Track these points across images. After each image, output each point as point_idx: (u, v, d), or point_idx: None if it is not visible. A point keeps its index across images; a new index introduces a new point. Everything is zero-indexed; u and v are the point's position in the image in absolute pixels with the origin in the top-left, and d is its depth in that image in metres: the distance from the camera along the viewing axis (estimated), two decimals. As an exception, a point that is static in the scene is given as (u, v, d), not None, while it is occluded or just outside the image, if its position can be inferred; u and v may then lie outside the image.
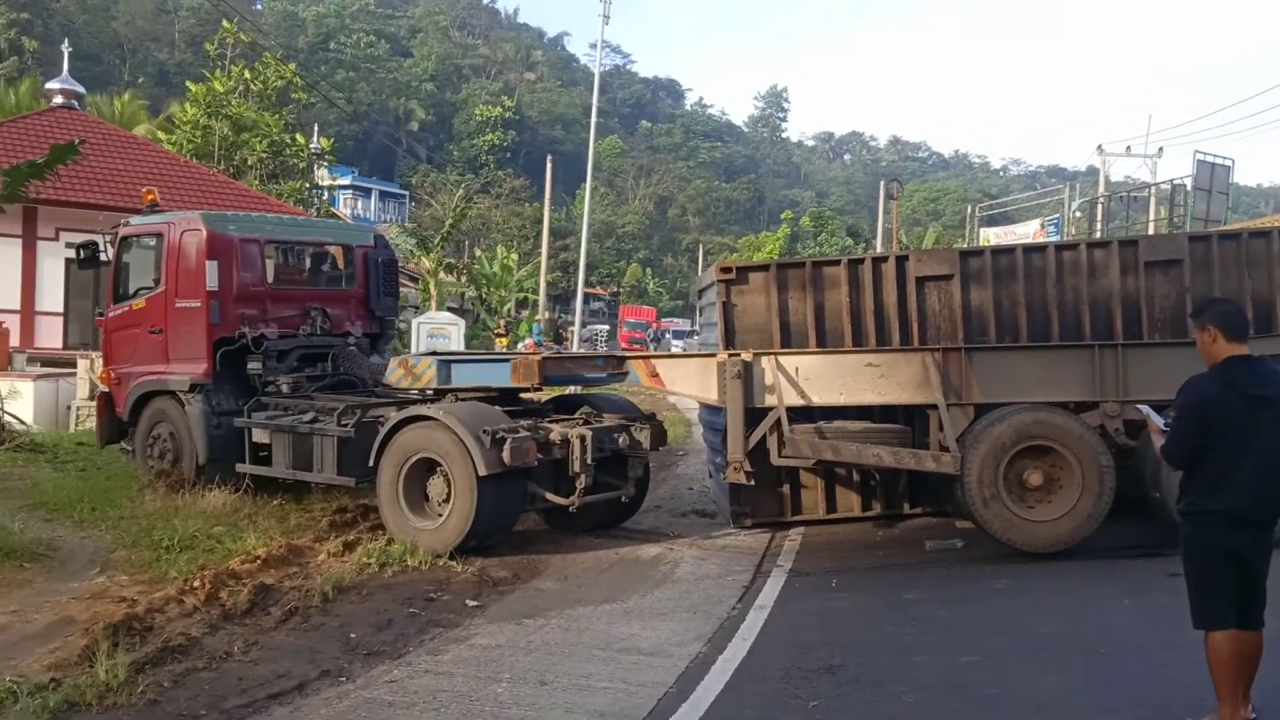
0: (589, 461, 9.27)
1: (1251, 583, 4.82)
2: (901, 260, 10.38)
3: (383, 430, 9.50)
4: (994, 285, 10.02)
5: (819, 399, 9.65)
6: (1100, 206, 33.15)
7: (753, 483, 9.73)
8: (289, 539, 9.32)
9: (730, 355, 9.64)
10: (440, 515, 9.23)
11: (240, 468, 10.83)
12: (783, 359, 9.70)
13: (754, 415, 9.59)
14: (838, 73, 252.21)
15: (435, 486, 9.31)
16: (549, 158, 37.27)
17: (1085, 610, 7.63)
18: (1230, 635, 4.74)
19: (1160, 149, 39.72)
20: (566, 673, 6.33)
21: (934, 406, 9.55)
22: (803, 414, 9.65)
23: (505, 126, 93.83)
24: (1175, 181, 29.23)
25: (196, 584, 7.52)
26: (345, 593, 7.95)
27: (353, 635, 6.98)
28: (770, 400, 9.60)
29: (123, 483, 11.51)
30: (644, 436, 10.07)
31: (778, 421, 9.48)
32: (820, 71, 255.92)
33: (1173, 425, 4.93)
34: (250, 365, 11.16)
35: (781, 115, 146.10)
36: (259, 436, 10.81)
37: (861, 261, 10.48)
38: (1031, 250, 10.60)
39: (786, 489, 10.71)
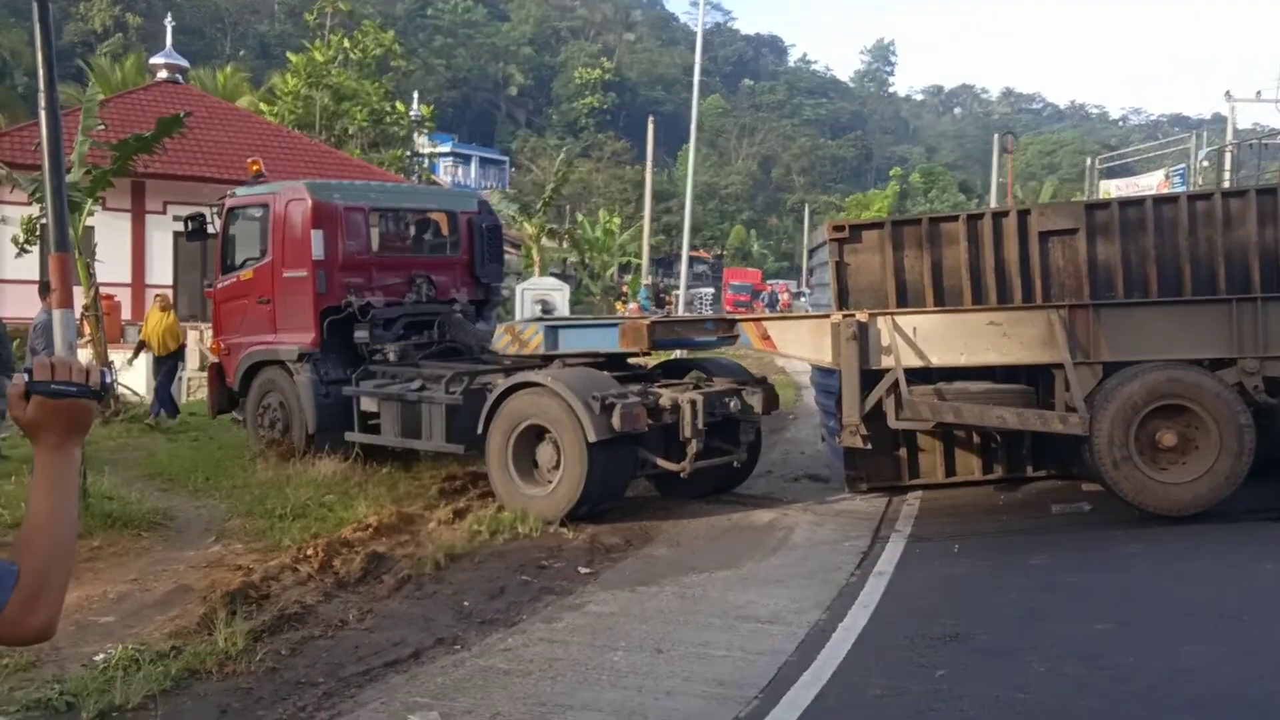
0: (700, 426, 9.06)
1: None
2: (1023, 215, 9.93)
3: (491, 397, 9.43)
4: (1122, 239, 9.50)
5: (938, 360, 9.28)
6: (1229, 155, 31.40)
7: (869, 446, 9.40)
8: (399, 507, 9.33)
9: (845, 316, 9.30)
10: (550, 482, 9.13)
11: (349, 436, 10.90)
12: (899, 319, 9.33)
13: (869, 378, 9.27)
14: (946, 24, 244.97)
15: (544, 453, 9.21)
16: (650, 119, 36.76)
17: (1224, 576, 7.21)
18: None
19: (1292, 93, 37.20)
20: (683, 640, 6.17)
21: (1059, 366, 9.12)
22: (920, 375, 9.28)
23: (605, 89, 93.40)
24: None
25: (310, 552, 7.54)
26: (457, 560, 7.90)
27: (466, 603, 6.92)
28: (887, 362, 9.25)
29: (235, 452, 11.71)
30: (755, 400, 9.80)
31: (895, 383, 9.14)
32: (928, 23, 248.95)
33: None
34: (357, 334, 11.20)
35: (889, 69, 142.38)
36: (367, 405, 10.87)
37: (981, 217, 10.07)
38: (1162, 201, 10.02)
39: (903, 452, 10.36)
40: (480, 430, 9.46)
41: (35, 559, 1.67)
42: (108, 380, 1.79)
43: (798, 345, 9.74)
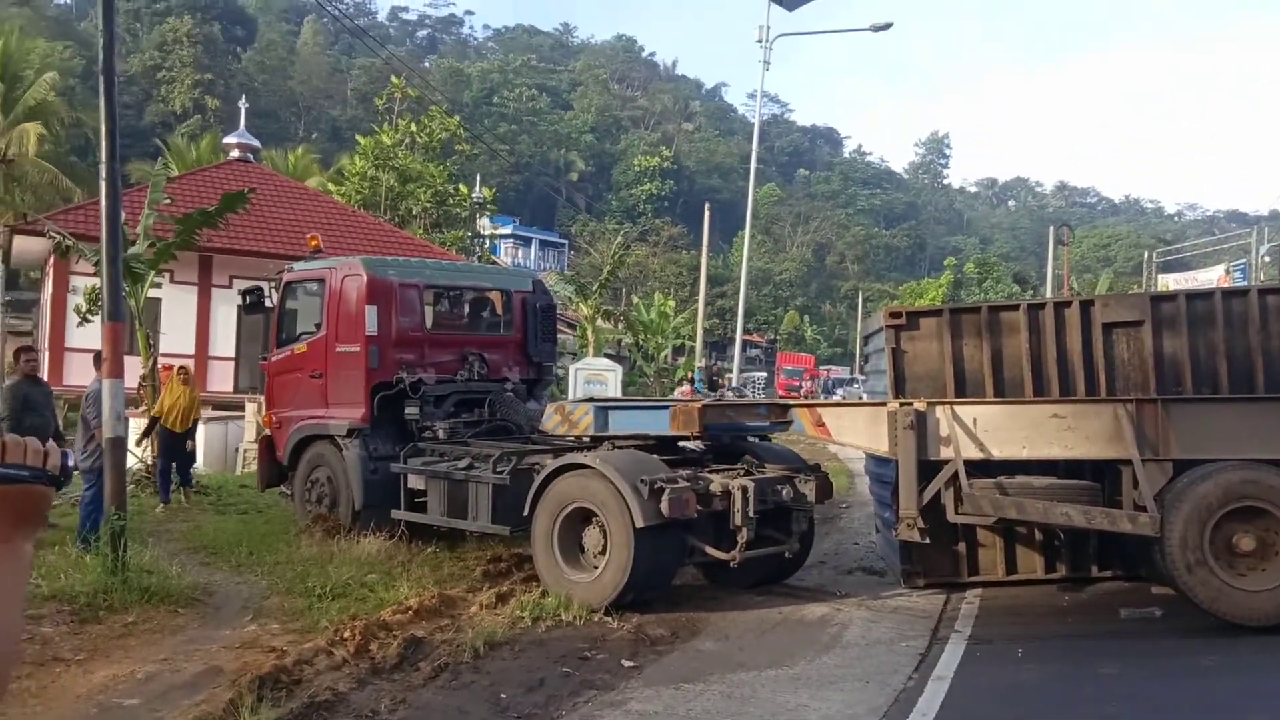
0: (751, 514, 8.78)
1: None
2: (1086, 305, 9.65)
3: (538, 478, 9.24)
4: (1189, 332, 9.19)
5: (999, 452, 8.96)
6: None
7: (927, 540, 9.06)
8: (442, 589, 9.12)
9: (902, 404, 9.03)
10: (596, 568, 8.88)
11: (395, 514, 10.75)
12: (959, 409, 9.05)
13: (927, 468, 8.97)
14: (1001, 117, 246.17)
15: (591, 537, 8.98)
16: (707, 205, 37.08)
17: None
18: None
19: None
20: (729, 747, 5.85)
21: (1127, 462, 8.75)
22: (979, 468, 8.95)
23: (663, 176, 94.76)
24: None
25: (347, 635, 7.33)
26: (497, 648, 7.64)
27: (503, 695, 6.65)
28: (945, 453, 8.95)
29: (281, 526, 11.62)
30: (809, 489, 9.52)
31: (954, 475, 8.83)
32: (982, 116, 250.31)
33: None
34: (408, 410, 11.11)
35: (943, 161, 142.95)
36: (415, 482, 10.73)
37: (1042, 306, 9.83)
38: (1231, 295, 9.69)
39: (962, 547, 9.99)
40: (526, 512, 9.26)
41: None
42: (69, 464, 1.57)
43: (852, 433, 9.47)
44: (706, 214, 35.61)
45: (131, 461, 14.20)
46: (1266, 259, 31.93)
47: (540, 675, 7.12)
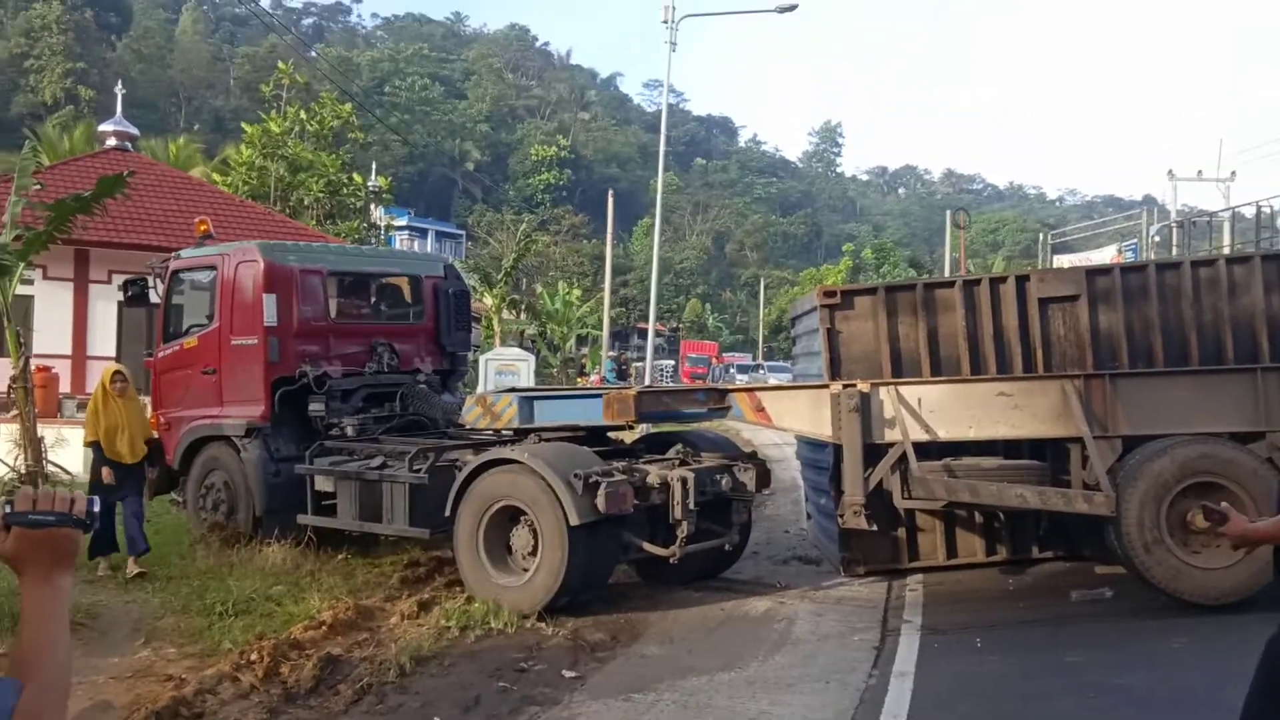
0: (692, 507, 8.25)
1: None
2: (1022, 281, 9.39)
3: (461, 476, 8.55)
4: (1125, 306, 8.97)
5: (945, 433, 8.62)
6: (1180, 231, 31.68)
7: (874, 527, 8.67)
8: (357, 599, 8.40)
9: (845, 386, 8.59)
10: (526, 570, 8.25)
11: (302, 519, 9.90)
12: (903, 390, 8.68)
13: (870, 453, 8.58)
14: (890, 107, 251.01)
15: (520, 538, 8.34)
16: (610, 193, 36.50)
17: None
18: None
19: (1233, 173, 37.91)
20: (692, 764, 5.30)
21: (1076, 440, 8.48)
22: (921, 450, 8.58)
23: (561, 165, 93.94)
24: (1262, 203, 27.61)
25: (254, 657, 6.56)
26: (424, 663, 6.97)
27: (436, 718, 5.99)
28: (891, 435, 8.57)
29: (173, 538, 10.60)
30: (748, 477, 9.03)
31: (900, 459, 8.44)
32: (873, 106, 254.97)
33: None
34: (312, 407, 10.29)
35: (835, 150, 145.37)
36: (322, 484, 9.89)
37: (978, 282, 9.54)
38: (1165, 268, 9.50)
39: (902, 532, 9.65)
40: (448, 512, 8.57)
41: (28, 693, 1.59)
42: (94, 509, 1.75)
43: (793, 418, 9.02)
44: (610, 202, 35.03)
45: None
46: (1156, 239, 32.64)
47: (475, 693, 6.48)
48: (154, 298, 11.51)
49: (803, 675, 6.88)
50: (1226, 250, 26.80)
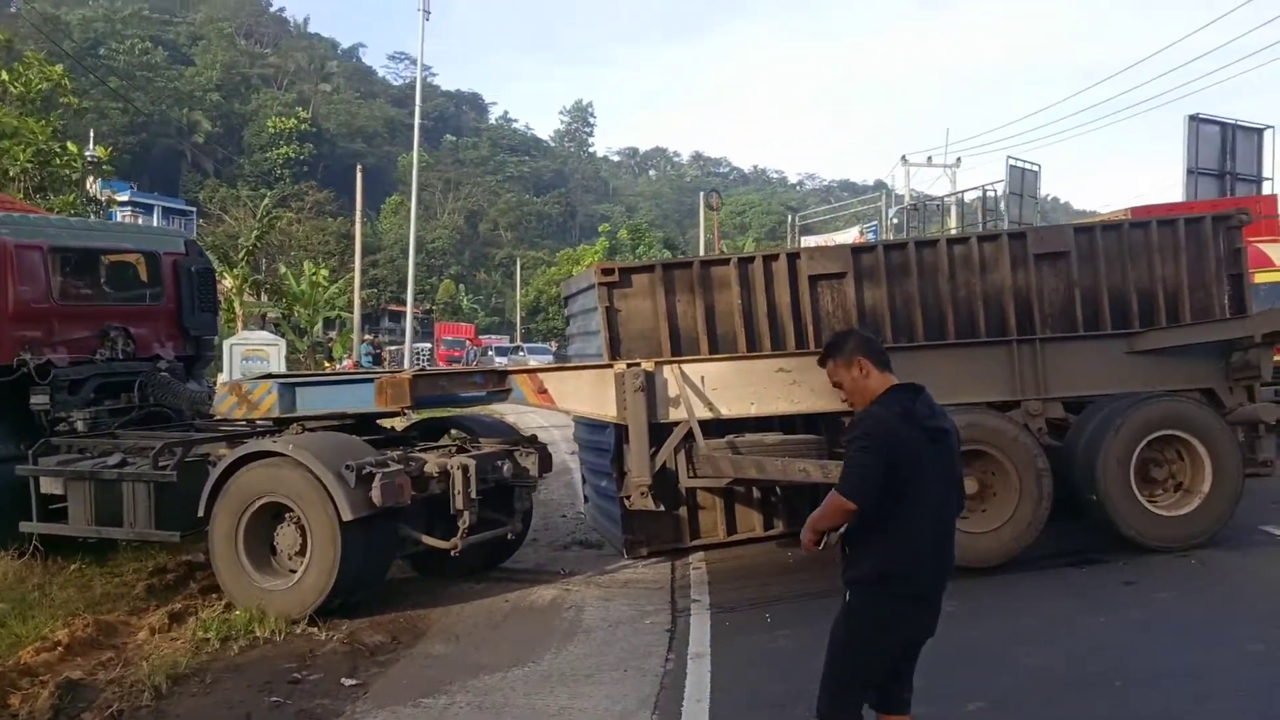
0: (474, 496, 7.83)
1: (908, 662, 4.10)
2: (793, 258, 9.57)
3: (215, 472, 7.77)
4: (888, 282, 9.32)
5: (728, 410, 8.60)
6: (916, 213, 33.81)
7: (662, 508, 8.55)
8: (96, 614, 7.50)
9: (630, 365, 8.41)
10: (294, 571, 7.60)
11: (25, 527, 8.71)
12: (687, 368, 8.59)
13: (652, 433, 8.45)
14: (641, 89, 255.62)
15: (286, 536, 7.67)
16: (359, 168, 35.02)
17: (1063, 634, 6.78)
18: None
19: (958, 159, 41.02)
20: (497, 770, 4.95)
21: (849, 414, 8.64)
22: (702, 428, 8.52)
23: (301, 139, 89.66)
24: (987, 188, 29.81)
25: (-23, 691, 5.68)
26: (183, 682, 6.25)
27: (202, 745, 5.36)
28: (676, 415, 8.46)
29: None
30: (530, 462, 8.71)
31: (685, 437, 8.35)
32: (624, 87, 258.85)
33: (853, 458, 3.85)
34: (34, 400, 9.14)
35: (588, 130, 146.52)
36: (49, 487, 8.73)
37: (752, 260, 9.61)
38: (923, 245, 9.91)
39: (684, 511, 9.61)
40: (201, 512, 7.78)
41: None
42: None
43: (576, 399, 8.74)
44: (359, 177, 33.68)
45: None
46: (894, 220, 34.74)
47: (245, 710, 5.87)
48: None
49: (599, 664, 6.65)
50: (953, 231, 28.81)
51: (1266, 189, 21.25)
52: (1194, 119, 21.18)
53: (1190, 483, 8.56)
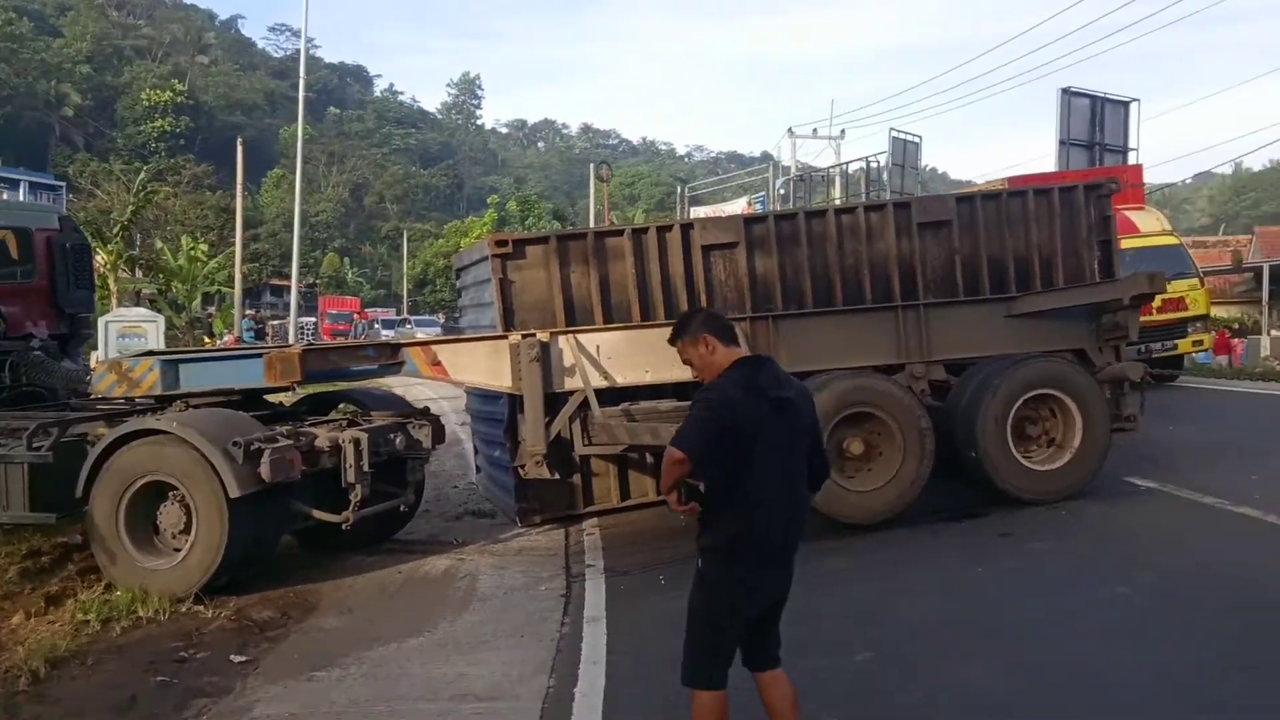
0: (366, 469, 7.75)
1: (771, 621, 4.23)
2: (686, 229, 9.63)
3: (94, 452, 7.53)
4: (778, 252, 9.44)
5: (623, 379, 8.67)
6: (802, 184, 34.34)
7: (557, 476, 8.58)
8: (-33, 601, 7.21)
9: (525, 336, 8.40)
10: (179, 550, 7.44)
11: (-109, 512, 8.36)
12: (582, 338, 8.62)
13: (548, 402, 8.48)
14: (529, 62, 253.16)
15: (170, 515, 7.49)
16: (239, 141, 34.00)
17: (948, 587, 7.04)
18: (722, 696, 4.05)
19: (843, 131, 41.73)
20: (395, 739, 4.95)
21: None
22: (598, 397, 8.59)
23: (177, 112, 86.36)
24: (870, 159, 30.43)
25: None
26: (63, 666, 6.08)
27: (87, 727, 5.22)
28: (571, 384, 8.50)
29: None
30: (423, 435, 8.66)
31: (580, 406, 8.39)
32: (512, 60, 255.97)
33: (690, 415, 4.02)
34: (-105, 381, 8.72)
35: (475, 103, 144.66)
36: (-87, 471, 8.38)
37: (646, 231, 9.65)
38: (812, 215, 10.09)
39: (578, 478, 9.64)
40: (80, 493, 7.54)
41: None
42: None
43: (471, 370, 8.71)
44: (239, 151, 32.73)
45: None
46: (781, 191, 35.18)
47: (129, 692, 5.73)
48: None
49: (495, 631, 6.68)
50: (838, 201, 29.35)
51: (1132, 159, 22.19)
52: (1066, 92, 21.97)
53: (1062, 438, 8.94)
